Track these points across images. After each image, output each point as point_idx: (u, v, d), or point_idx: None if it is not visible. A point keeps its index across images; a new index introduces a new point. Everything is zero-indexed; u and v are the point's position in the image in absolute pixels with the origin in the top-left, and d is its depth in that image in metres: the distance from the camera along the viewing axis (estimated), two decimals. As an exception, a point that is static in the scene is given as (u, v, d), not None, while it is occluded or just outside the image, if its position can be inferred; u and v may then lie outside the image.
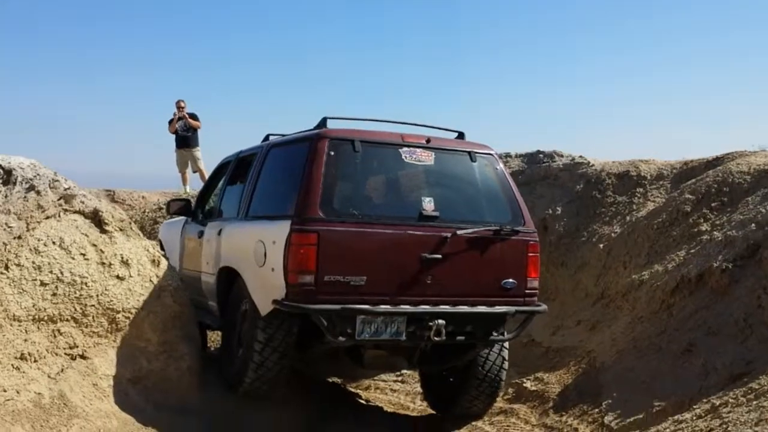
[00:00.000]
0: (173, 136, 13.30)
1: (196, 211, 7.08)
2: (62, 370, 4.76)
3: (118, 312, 5.18)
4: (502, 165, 5.63)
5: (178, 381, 5.41)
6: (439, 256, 5.02)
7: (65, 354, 4.86)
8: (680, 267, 6.62)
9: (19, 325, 4.64)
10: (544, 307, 5.49)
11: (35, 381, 4.56)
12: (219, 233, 6.00)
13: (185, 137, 13.23)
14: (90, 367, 4.95)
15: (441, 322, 4.97)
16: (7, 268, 4.68)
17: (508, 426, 5.89)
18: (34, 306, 4.74)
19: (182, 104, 13.24)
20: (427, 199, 5.17)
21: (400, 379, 8.18)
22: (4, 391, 4.32)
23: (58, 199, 5.18)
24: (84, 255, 5.11)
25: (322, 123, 5.35)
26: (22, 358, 4.58)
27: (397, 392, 7.74)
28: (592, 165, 9.41)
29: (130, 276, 5.32)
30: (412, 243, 5.01)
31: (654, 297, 6.57)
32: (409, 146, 5.29)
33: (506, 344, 5.72)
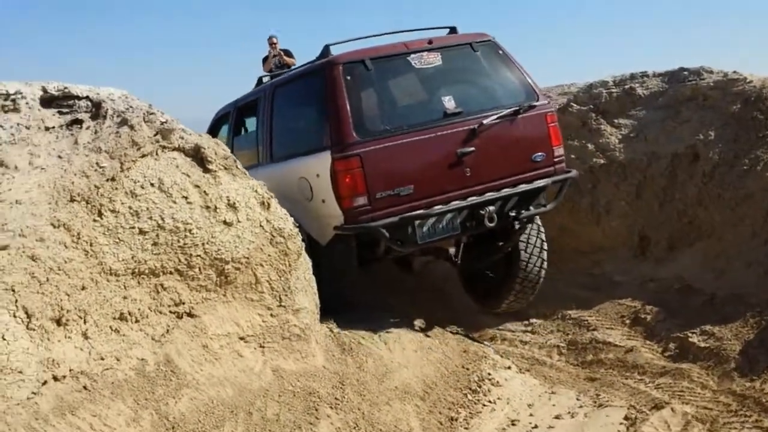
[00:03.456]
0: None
1: None
2: (168, 331, 4.14)
3: (227, 262, 4.50)
4: (503, 48, 5.78)
5: (297, 339, 4.75)
6: (472, 148, 5.32)
7: (170, 312, 4.22)
8: None
9: (117, 281, 4.00)
10: (575, 172, 5.92)
11: (138, 345, 3.95)
12: None
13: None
14: (198, 326, 4.32)
15: (491, 208, 5.36)
16: (100, 214, 4.03)
17: (681, 392, 4.95)
18: (133, 258, 4.09)
19: (275, 40, 12.44)
20: (447, 97, 5.42)
21: (529, 329, 7.33)
22: (102, 359, 3.72)
23: (155, 135, 4.49)
24: (186, 198, 4.42)
25: (326, 51, 5.48)
26: (122, 318, 3.96)
27: (529, 344, 6.91)
28: (750, 81, 8.04)
29: (238, 221, 4.62)
30: (446, 142, 5.28)
31: None
32: (415, 52, 5.47)
33: (543, 232, 6.17)
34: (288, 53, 12.41)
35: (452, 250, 6.42)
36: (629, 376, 5.58)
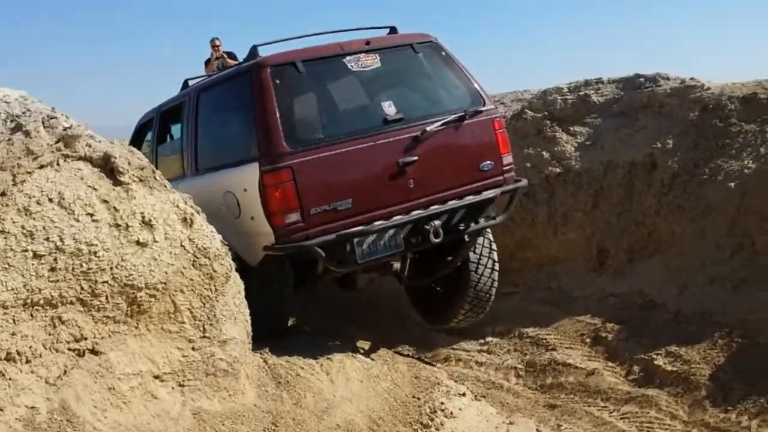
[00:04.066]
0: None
1: None
2: (65, 372, 3.52)
3: (140, 289, 3.90)
4: (446, 49, 5.41)
5: (224, 374, 4.19)
6: (415, 157, 4.93)
7: (69, 349, 3.60)
8: None
9: (5, 314, 3.38)
10: (524, 181, 5.52)
11: (27, 390, 3.33)
12: None
13: None
14: (104, 364, 3.71)
15: (437, 222, 4.95)
16: (-15, 236, 3.41)
17: (649, 423, 4.56)
18: (25, 286, 3.46)
19: (218, 42, 11.86)
20: (387, 103, 5.03)
21: (485, 348, 6.91)
22: (-20, 410, 3.10)
23: (56, 142, 3.87)
24: (92, 215, 3.81)
25: (254, 52, 5.06)
26: (9, 358, 3.33)
27: (485, 366, 6.48)
28: (708, 88, 7.75)
29: (155, 240, 4.02)
30: (386, 151, 4.89)
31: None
32: (351, 53, 5.07)
33: (494, 245, 5.78)
34: (232, 56, 11.81)
35: (398, 266, 5.98)
36: (592, 402, 5.17)
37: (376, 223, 4.80)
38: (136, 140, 6.88)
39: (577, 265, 7.51)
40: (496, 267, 5.74)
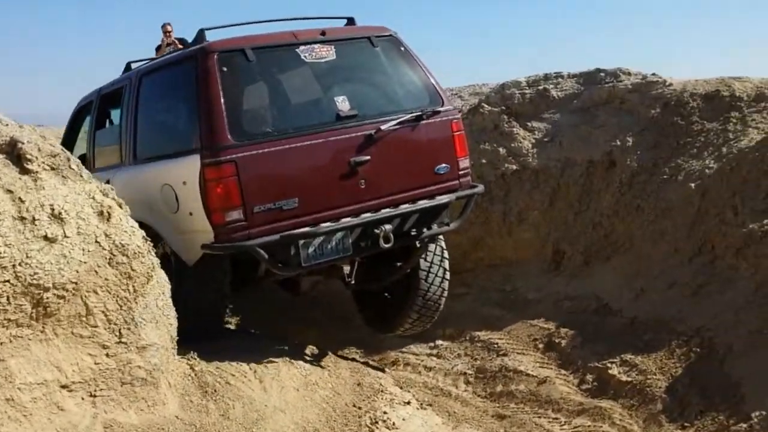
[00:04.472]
0: None
1: None
2: (-47, 384, 3.12)
3: (47, 289, 3.49)
4: (406, 44, 5.16)
5: (142, 383, 3.81)
6: (367, 157, 4.68)
7: (-41, 358, 3.20)
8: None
9: None
10: (481, 187, 5.29)
11: None
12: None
13: None
14: (2, 373, 3.30)
15: (387, 227, 4.70)
16: None
17: (603, 438, 4.27)
18: None
19: (169, 28, 11.38)
20: (340, 98, 4.77)
21: (435, 352, 6.63)
22: None
23: (-48, 125, 3.47)
24: (-8, 207, 3.41)
25: (200, 37, 4.76)
26: None
27: (434, 371, 6.20)
28: (670, 85, 7.58)
29: (65, 236, 3.61)
30: (337, 149, 4.64)
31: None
32: (305, 43, 4.80)
33: (446, 253, 5.53)
34: (184, 42, 11.38)
35: (346, 269, 5.65)
36: (542, 414, 4.91)
37: (324, 224, 4.54)
38: (74, 124, 6.54)
39: (532, 266, 7.30)
40: (447, 276, 5.51)
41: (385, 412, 4.80)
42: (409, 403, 5.10)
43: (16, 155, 3.63)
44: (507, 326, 6.52)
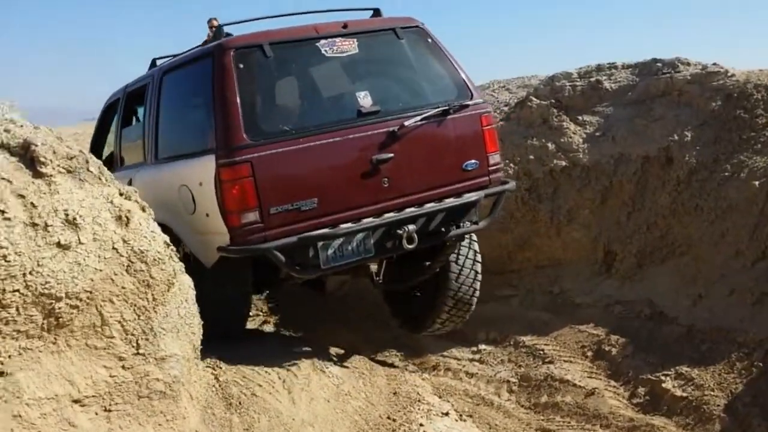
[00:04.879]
0: None
1: None
2: (-42, 400, 2.99)
3: (60, 299, 3.33)
4: (433, 36, 4.98)
5: (161, 397, 3.63)
6: (391, 154, 4.52)
7: (-35, 372, 3.07)
8: None
9: None
10: (512, 183, 5.07)
11: None
12: (129, 185, 4.63)
13: None
14: (10, 387, 3.15)
15: (411, 227, 4.52)
16: None
17: (654, 461, 3.94)
18: None
19: (215, 23, 11.32)
20: (362, 93, 4.60)
21: (477, 357, 6.34)
22: None
23: (-37, 126, 3.33)
24: (3, 212, 3.25)
25: (219, 33, 4.73)
26: None
27: (476, 377, 5.92)
28: (732, 75, 7.09)
29: (80, 242, 3.44)
30: (358, 147, 4.48)
31: None
32: (326, 37, 4.63)
33: (479, 255, 5.31)
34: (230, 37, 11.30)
35: (374, 268, 5.62)
36: (590, 429, 4.62)
37: (343, 225, 4.37)
38: (103, 121, 6.52)
39: (581, 268, 6.96)
40: (479, 276, 5.30)
41: (421, 425, 4.57)
42: (447, 414, 4.84)
43: (29, 158, 3.48)
44: (554, 331, 6.20)
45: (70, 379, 3.38)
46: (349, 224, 4.38)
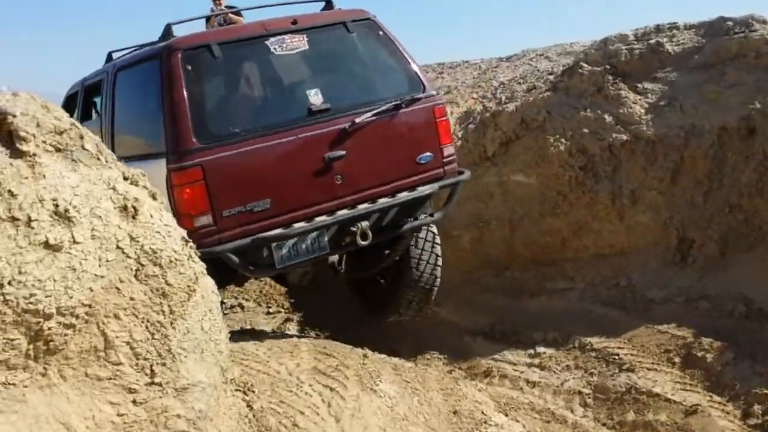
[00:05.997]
0: None
1: None
2: None
3: (49, 316, 2.55)
4: (384, 28, 5.04)
5: (182, 437, 2.84)
6: (343, 152, 4.65)
7: None
8: None
9: None
10: (467, 173, 5.18)
11: None
12: None
13: None
14: (-16, 439, 2.38)
15: (364, 224, 4.66)
16: None
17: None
18: None
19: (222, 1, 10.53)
20: (313, 91, 4.69)
21: (536, 361, 5.56)
22: None
23: None
24: (-29, 204, 2.46)
25: (167, 32, 4.72)
26: None
27: (539, 387, 5.14)
28: (819, 33, 6.25)
29: (75, 241, 2.66)
30: (310, 146, 4.59)
31: None
32: (275, 35, 4.70)
33: (437, 239, 5.46)
34: (236, 11, 10.51)
35: (335, 258, 5.76)
36: (702, 459, 3.77)
37: (296, 225, 4.49)
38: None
39: (650, 256, 6.23)
40: (439, 262, 5.43)
41: (493, 454, 3.77)
42: (519, 436, 4.06)
43: (5, 133, 2.68)
44: (626, 332, 5.43)
45: (65, 422, 2.69)
46: (303, 223, 4.47)
